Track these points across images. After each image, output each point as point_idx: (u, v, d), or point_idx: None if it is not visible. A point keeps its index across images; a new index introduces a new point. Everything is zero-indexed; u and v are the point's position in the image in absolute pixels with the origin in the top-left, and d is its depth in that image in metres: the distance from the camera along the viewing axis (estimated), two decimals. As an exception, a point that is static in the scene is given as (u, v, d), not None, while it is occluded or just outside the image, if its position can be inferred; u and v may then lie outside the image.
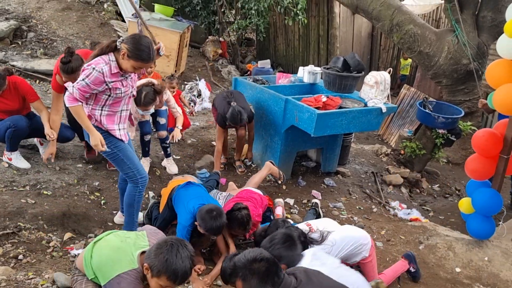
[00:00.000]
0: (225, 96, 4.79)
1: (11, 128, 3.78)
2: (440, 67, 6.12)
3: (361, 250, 3.02)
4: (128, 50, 2.72)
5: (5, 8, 8.96)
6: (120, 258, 2.19)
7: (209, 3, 10.85)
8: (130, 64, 2.78)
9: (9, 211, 3.30)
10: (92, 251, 2.26)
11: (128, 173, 3.07)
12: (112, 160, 3.07)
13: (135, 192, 3.14)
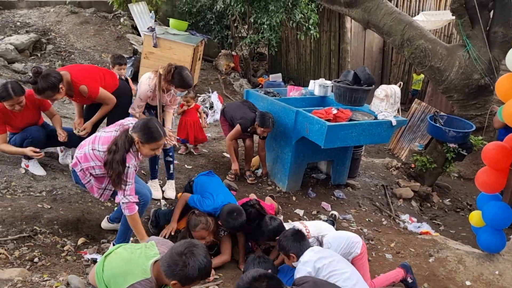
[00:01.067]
0: (242, 103, 4.91)
1: (28, 139, 3.90)
2: (451, 82, 6.15)
3: (354, 248, 3.19)
4: (140, 137, 2.82)
5: (26, 22, 9.26)
6: (132, 269, 2.21)
7: (222, 18, 11.07)
8: (148, 148, 2.87)
9: (25, 216, 3.40)
10: (103, 265, 2.30)
11: None
12: None
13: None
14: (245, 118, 4.75)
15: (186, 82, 3.92)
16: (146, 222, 3.79)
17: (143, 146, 2.85)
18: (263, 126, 4.64)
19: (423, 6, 10.87)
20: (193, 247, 2.19)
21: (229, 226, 3.34)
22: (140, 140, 2.82)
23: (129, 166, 2.82)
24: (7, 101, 3.67)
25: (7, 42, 8.11)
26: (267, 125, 4.62)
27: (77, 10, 10.26)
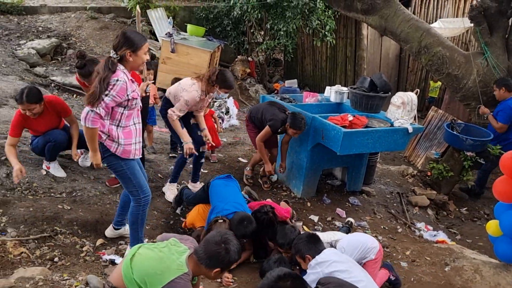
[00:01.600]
0: (270, 104, 4.80)
1: (51, 142, 4.01)
2: (469, 89, 6.08)
3: (369, 254, 3.18)
4: (129, 47, 2.80)
5: (47, 27, 9.48)
6: (168, 266, 2.30)
7: (239, 24, 11.16)
8: (140, 55, 2.85)
9: (46, 216, 3.49)
10: (131, 267, 2.34)
11: (132, 191, 3.09)
12: (119, 176, 3.08)
13: (138, 211, 3.15)
14: (275, 119, 4.59)
15: (229, 83, 4.09)
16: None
17: (135, 56, 2.84)
18: (294, 128, 4.49)
19: (441, 13, 10.81)
20: (226, 235, 2.44)
21: (240, 234, 3.33)
22: (129, 50, 2.81)
23: (118, 79, 2.76)
24: (19, 104, 3.78)
25: (29, 46, 8.33)
26: (299, 126, 4.47)
27: (97, 15, 10.47)
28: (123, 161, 2.99)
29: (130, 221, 3.20)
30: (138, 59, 2.88)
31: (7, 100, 5.85)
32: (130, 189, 3.08)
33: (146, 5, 10.51)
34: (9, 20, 9.75)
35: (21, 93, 3.78)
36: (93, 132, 2.81)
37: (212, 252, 2.33)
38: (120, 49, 2.82)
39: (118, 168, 3.00)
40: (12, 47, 8.35)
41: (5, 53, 7.86)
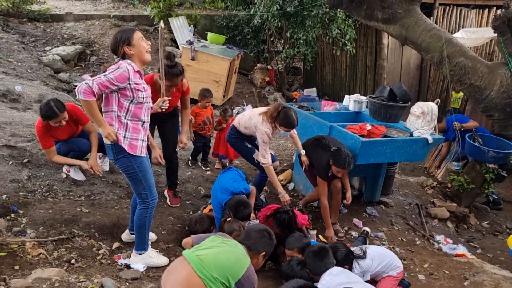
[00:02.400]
0: (316, 141, 4.33)
1: (75, 151, 4.10)
2: (492, 100, 5.96)
3: (391, 271, 3.28)
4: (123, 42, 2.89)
5: (72, 34, 9.74)
6: (238, 257, 2.57)
7: (259, 33, 11.23)
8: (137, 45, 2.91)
9: (65, 218, 3.55)
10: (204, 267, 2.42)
11: (141, 194, 3.10)
12: (130, 178, 3.08)
13: (146, 214, 3.16)
14: (320, 166, 4.21)
15: (290, 122, 4.00)
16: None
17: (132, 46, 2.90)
18: (338, 165, 4.02)
19: (464, 23, 10.65)
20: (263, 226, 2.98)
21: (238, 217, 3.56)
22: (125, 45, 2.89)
23: (119, 67, 2.81)
24: (53, 119, 3.80)
25: (54, 53, 8.56)
26: (342, 164, 3.99)
27: (120, 23, 10.70)
28: (135, 161, 3.01)
29: (137, 225, 3.21)
30: (137, 48, 2.93)
31: (31, 104, 6.00)
32: (139, 191, 3.11)
33: (168, 13, 10.70)
34: (36, 27, 10.05)
35: (49, 108, 3.76)
36: (90, 104, 2.77)
37: (258, 238, 2.76)
38: (118, 50, 2.93)
39: (131, 170, 3.02)
40: (38, 53, 8.59)
41: (31, 59, 8.08)
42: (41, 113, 3.83)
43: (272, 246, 2.84)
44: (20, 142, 4.51)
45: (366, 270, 3.27)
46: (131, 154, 2.98)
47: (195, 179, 5.12)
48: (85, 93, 2.72)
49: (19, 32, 9.33)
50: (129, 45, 2.91)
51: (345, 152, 4.02)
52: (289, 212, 3.65)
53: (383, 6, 6.54)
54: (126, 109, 2.94)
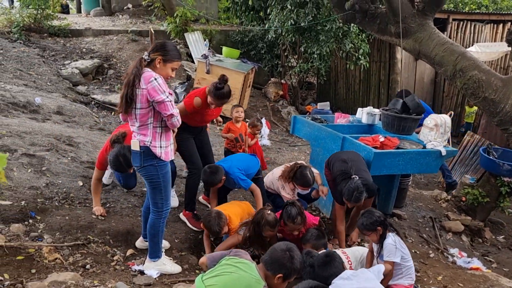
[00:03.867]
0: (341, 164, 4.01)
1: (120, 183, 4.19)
2: (507, 114, 5.92)
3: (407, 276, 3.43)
4: (162, 55, 2.91)
5: (91, 48, 9.99)
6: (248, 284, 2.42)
7: (273, 47, 11.37)
8: (168, 67, 2.96)
9: (81, 225, 3.62)
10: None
11: (158, 203, 3.14)
12: (152, 186, 3.10)
13: (159, 223, 3.20)
14: (336, 191, 4.00)
15: (307, 181, 4.07)
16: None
17: (163, 65, 2.93)
18: (344, 196, 3.80)
19: (478, 38, 10.64)
20: (290, 245, 2.64)
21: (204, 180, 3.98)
22: (162, 58, 2.91)
23: (155, 78, 2.84)
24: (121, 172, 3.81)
25: (73, 66, 8.79)
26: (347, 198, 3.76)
27: (137, 38, 10.95)
28: (162, 170, 3.06)
29: (150, 234, 3.25)
30: (163, 70, 2.96)
31: (50, 115, 6.17)
32: (156, 200, 3.15)
33: (184, 28, 10.92)
34: (56, 42, 10.35)
35: (119, 164, 3.66)
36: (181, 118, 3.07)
37: (277, 258, 2.53)
38: (154, 53, 2.93)
39: (155, 178, 3.07)
40: (57, 66, 8.83)
41: (50, 72, 8.31)
42: (111, 165, 3.72)
43: (293, 270, 2.54)
44: (39, 151, 4.64)
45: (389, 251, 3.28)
46: (159, 163, 3.03)
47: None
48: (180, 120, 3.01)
49: (39, 46, 9.62)
50: (163, 61, 2.92)
51: (355, 184, 3.67)
52: (296, 204, 3.67)
53: (396, 21, 6.60)
54: (161, 118, 2.99)
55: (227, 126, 5.28)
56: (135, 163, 3.10)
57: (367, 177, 3.87)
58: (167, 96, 2.88)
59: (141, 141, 2.98)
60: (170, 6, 11.78)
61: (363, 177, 3.80)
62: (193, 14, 11.04)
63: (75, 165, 4.65)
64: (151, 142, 2.98)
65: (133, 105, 2.92)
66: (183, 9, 10.73)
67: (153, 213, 3.22)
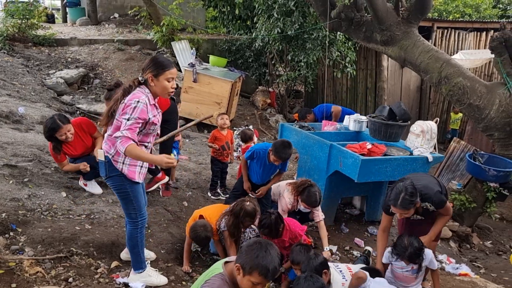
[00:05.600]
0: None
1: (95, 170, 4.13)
2: (492, 120, 5.98)
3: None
4: (151, 71, 2.83)
5: (76, 58, 9.90)
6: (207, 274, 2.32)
7: (260, 56, 11.39)
8: (162, 81, 2.85)
9: (64, 237, 3.53)
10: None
11: (131, 213, 3.08)
12: (120, 197, 3.05)
13: (136, 233, 3.13)
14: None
15: (312, 201, 4.02)
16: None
17: (157, 81, 2.84)
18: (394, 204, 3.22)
19: (462, 45, 10.80)
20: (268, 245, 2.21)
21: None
22: (153, 74, 2.82)
23: (139, 101, 2.75)
24: (58, 131, 4.05)
25: (58, 76, 8.68)
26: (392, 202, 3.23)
27: (124, 47, 10.87)
28: (128, 181, 2.97)
29: (130, 246, 3.18)
30: (159, 85, 2.87)
31: (34, 125, 6.06)
32: (129, 211, 3.08)
33: (170, 37, 10.89)
34: (41, 51, 10.22)
35: (53, 121, 4.07)
36: (132, 149, 2.72)
37: (251, 251, 2.15)
38: (145, 72, 2.87)
39: (122, 189, 2.99)
40: (42, 76, 8.71)
41: (34, 81, 8.19)
42: (45, 129, 4.08)
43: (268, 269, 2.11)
44: (21, 161, 4.54)
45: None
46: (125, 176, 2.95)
47: (195, 199, 5.10)
48: (122, 143, 2.71)
49: (24, 56, 9.48)
50: (154, 77, 2.85)
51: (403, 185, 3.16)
52: (272, 215, 3.58)
53: (382, 29, 6.67)
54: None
55: (213, 134, 5.26)
56: (101, 173, 3.04)
57: (427, 184, 3.29)
58: (128, 119, 2.75)
59: (105, 151, 2.93)
60: (157, 15, 11.75)
61: (418, 182, 3.25)
62: (180, 23, 11.01)
63: (58, 175, 4.56)
64: (113, 156, 2.91)
65: (113, 119, 2.90)
66: (169, 18, 10.71)
67: (128, 224, 3.15)
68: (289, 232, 3.69)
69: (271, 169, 4.44)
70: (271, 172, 4.49)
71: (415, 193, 3.09)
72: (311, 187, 4.05)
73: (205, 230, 3.60)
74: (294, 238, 3.71)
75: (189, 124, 4.50)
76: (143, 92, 2.86)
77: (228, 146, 5.26)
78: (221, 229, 3.69)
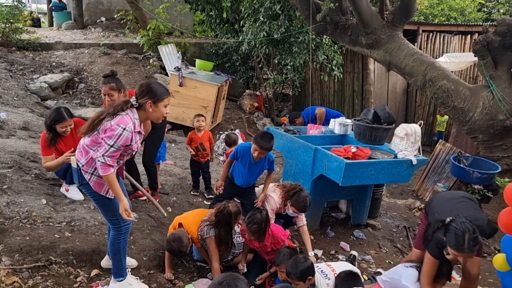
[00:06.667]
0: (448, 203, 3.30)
1: None
2: (476, 122, 6.03)
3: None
4: (151, 98, 2.84)
5: (61, 62, 9.79)
6: None
7: (247, 60, 11.38)
8: (160, 107, 2.88)
9: (42, 245, 3.45)
10: None
11: (112, 220, 3.05)
12: (97, 204, 3.04)
13: (119, 239, 3.09)
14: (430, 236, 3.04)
15: (302, 206, 3.99)
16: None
17: (155, 107, 2.86)
18: (459, 249, 2.77)
19: (447, 49, 10.90)
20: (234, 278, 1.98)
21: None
22: (151, 101, 2.83)
23: (126, 129, 2.73)
24: (61, 123, 4.07)
25: (42, 80, 8.57)
26: (457, 246, 2.77)
27: (110, 51, 10.79)
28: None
29: (112, 251, 3.13)
30: (158, 111, 2.91)
31: (15, 131, 5.96)
32: (110, 217, 3.05)
33: (157, 41, 10.83)
34: (25, 55, 10.09)
35: (58, 113, 4.08)
36: (109, 179, 2.79)
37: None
38: (142, 98, 2.86)
39: (97, 196, 2.95)
40: (25, 81, 8.59)
41: (18, 86, 8.07)
42: (49, 118, 4.07)
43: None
44: (1, 168, 4.45)
45: None
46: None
47: (180, 204, 5.05)
48: (103, 169, 2.75)
49: (7, 60, 9.35)
50: (154, 104, 2.87)
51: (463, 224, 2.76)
52: (262, 212, 3.56)
53: (367, 32, 6.70)
54: None
55: (189, 136, 5.35)
56: (75, 180, 3.02)
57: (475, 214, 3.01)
58: (112, 146, 2.73)
59: (77, 159, 2.90)
60: (143, 19, 11.69)
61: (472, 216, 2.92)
62: (167, 27, 10.96)
63: (38, 182, 4.47)
64: (83, 165, 2.89)
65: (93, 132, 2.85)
66: (156, 22, 10.65)
67: (112, 230, 3.11)
68: (272, 237, 3.65)
69: (257, 169, 4.32)
70: (256, 172, 4.36)
71: (476, 231, 2.78)
72: (301, 191, 4.03)
73: (179, 243, 3.52)
74: (277, 243, 3.67)
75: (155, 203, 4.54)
76: (131, 118, 2.82)
77: (203, 147, 5.30)
78: (204, 236, 3.63)
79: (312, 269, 3.23)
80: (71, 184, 4.36)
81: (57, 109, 4.13)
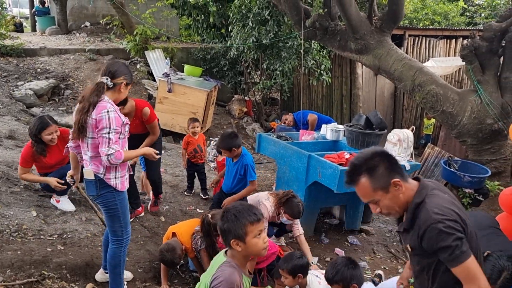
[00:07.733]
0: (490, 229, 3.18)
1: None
2: (464, 126, 6.11)
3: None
4: (126, 78, 2.88)
5: (46, 68, 9.62)
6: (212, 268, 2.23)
7: (235, 64, 11.35)
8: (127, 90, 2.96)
9: (35, 260, 3.36)
10: None
11: (117, 231, 3.01)
12: (109, 214, 2.98)
13: (120, 252, 3.05)
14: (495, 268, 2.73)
15: (296, 211, 3.95)
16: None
17: (125, 88, 2.91)
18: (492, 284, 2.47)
19: (433, 53, 11.05)
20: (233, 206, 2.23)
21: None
22: (126, 82, 2.88)
23: (109, 111, 2.71)
24: (46, 129, 4.00)
25: (27, 87, 8.40)
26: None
27: (96, 57, 10.64)
28: (119, 197, 2.94)
29: (111, 265, 3.07)
30: (125, 93, 2.94)
31: (1, 140, 5.82)
32: (115, 228, 3.01)
33: (144, 46, 10.73)
34: (9, 62, 9.89)
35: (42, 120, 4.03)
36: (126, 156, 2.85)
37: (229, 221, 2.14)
38: (118, 77, 2.83)
39: (113, 206, 2.93)
40: (10, 88, 8.42)
41: (2, 94, 7.91)
42: (33, 127, 4.01)
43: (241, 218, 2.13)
44: (-12, 180, 4.33)
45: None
46: (116, 190, 2.90)
47: (173, 213, 4.99)
48: (118, 156, 2.75)
49: (-10, 67, 9.16)
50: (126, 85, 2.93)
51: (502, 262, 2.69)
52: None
53: (356, 37, 6.74)
54: None
55: (185, 140, 5.48)
56: (91, 192, 2.94)
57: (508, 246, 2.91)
58: (109, 133, 2.72)
59: (94, 171, 2.85)
60: (130, 24, 11.57)
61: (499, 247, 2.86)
62: (153, 32, 10.87)
63: (28, 193, 4.37)
64: (105, 174, 2.86)
65: (85, 133, 2.78)
66: (142, 27, 10.56)
67: (112, 242, 3.05)
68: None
69: (236, 173, 4.28)
70: (236, 177, 4.30)
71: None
72: (294, 198, 4.01)
73: (172, 254, 3.46)
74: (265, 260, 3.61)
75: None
76: (106, 101, 2.78)
77: (200, 148, 5.47)
78: (198, 248, 3.58)
79: (305, 269, 3.23)
80: (61, 195, 4.27)
81: (40, 118, 4.10)
